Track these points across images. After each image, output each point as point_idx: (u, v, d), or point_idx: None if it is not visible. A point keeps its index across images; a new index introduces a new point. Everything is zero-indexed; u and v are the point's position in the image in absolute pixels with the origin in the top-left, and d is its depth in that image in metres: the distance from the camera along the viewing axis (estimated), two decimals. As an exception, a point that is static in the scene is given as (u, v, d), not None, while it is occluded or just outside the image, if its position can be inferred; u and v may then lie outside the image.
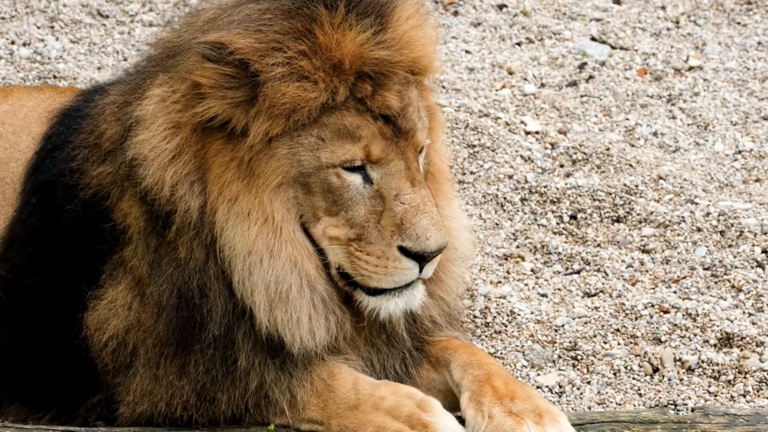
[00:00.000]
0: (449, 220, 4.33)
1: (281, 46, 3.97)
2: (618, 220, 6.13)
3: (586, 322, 5.36)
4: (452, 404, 4.28)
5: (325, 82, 3.98)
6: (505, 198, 6.26)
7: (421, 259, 4.05)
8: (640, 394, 4.98)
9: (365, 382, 4.21)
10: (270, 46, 3.97)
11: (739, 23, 8.13)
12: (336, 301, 4.18)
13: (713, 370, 5.06)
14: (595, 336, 5.29)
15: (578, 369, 5.14)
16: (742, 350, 5.14)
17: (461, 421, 4.17)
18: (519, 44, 7.83)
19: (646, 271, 5.76)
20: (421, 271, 4.09)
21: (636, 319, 5.36)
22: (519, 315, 5.39)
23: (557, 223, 6.12)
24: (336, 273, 4.16)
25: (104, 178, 4.28)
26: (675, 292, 5.56)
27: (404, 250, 4.04)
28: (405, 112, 4.07)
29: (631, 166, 6.49)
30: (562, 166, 6.52)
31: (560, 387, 5.03)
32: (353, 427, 4.15)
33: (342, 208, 4.06)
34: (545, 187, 6.26)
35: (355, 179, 4.05)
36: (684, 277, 5.66)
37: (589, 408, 4.90)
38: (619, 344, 5.25)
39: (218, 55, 3.96)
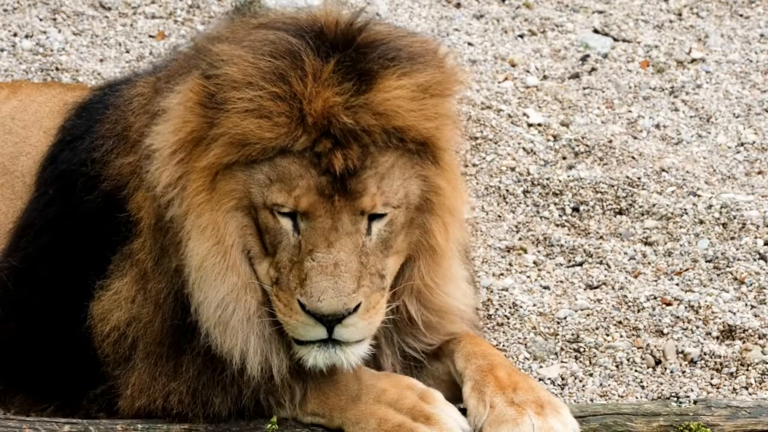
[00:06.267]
0: (441, 298, 4.25)
1: (255, 84, 3.94)
2: (620, 212, 6.13)
3: (588, 315, 5.37)
4: (455, 395, 4.28)
5: (288, 128, 3.94)
6: (507, 190, 6.25)
7: (319, 319, 3.95)
8: (643, 387, 4.98)
9: (366, 374, 4.21)
10: (246, 81, 3.94)
11: (741, 15, 8.11)
12: (280, 340, 4.10)
13: (715, 363, 5.06)
14: (597, 328, 5.29)
15: (581, 361, 5.14)
16: (744, 342, 5.15)
17: (463, 412, 4.17)
18: (521, 36, 7.82)
19: (649, 263, 5.75)
20: (331, 333, 3.98)
21: (638, 311, 5.36)
22: (521, 307, 5.39)
23: (560, 216, 6.11)
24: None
25: (124, 168, 4.28)
26: (677, 285, 5.55)
27: (303, 306, 3.96)
28: (360, 173, 3.97)
29: (633, 158, 6.49)
30: (564, 158, 6.52)
31: (563, 379, 5.03)
32: (355, 419, 4.15)
33: (275, 249, 4.01)
34: (548, 179, 6.26)
35: (287, 224, 3.99)
36: (686, 270, 5.66)
37: (592, 400, 4.91)
38: (621, 336, 5.25)
39: (210, 74, 3.97)
